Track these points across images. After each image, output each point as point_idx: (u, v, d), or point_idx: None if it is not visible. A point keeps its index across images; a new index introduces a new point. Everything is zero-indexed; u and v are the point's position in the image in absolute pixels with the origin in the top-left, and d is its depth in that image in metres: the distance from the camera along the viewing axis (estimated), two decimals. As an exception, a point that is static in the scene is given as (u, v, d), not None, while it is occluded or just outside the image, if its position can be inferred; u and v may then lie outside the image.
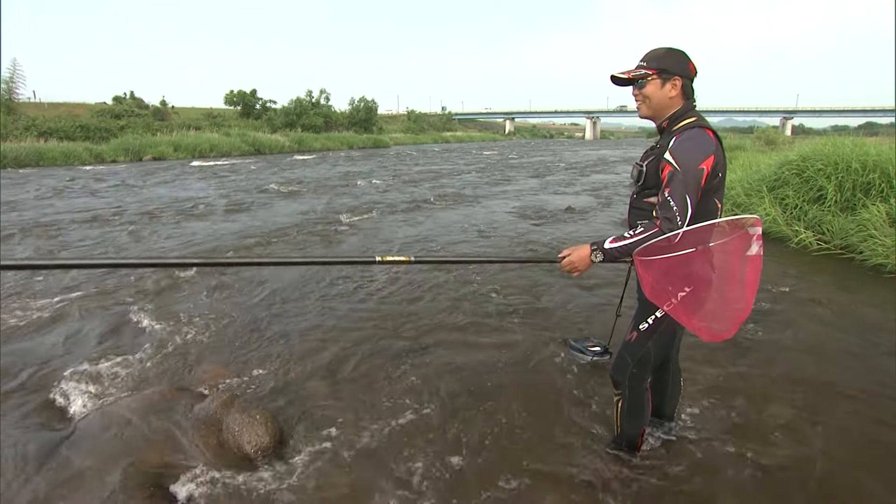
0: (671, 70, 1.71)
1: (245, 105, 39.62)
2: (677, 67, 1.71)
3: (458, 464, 2.12)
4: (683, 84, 1.72)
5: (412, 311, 3.85)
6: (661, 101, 1.74)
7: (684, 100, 1.74)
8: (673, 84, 1.71)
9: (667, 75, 1.71)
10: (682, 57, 1.73)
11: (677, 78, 1.71)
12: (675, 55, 1.73)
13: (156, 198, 10.13)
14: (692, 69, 1.73)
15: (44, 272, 4.72)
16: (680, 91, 1.72)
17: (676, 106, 1.74)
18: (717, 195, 1.72)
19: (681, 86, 1.72)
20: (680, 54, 1.73)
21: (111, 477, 2.01)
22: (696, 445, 2.22)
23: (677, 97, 1.73)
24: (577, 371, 2.90)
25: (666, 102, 1.74)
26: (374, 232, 7.03)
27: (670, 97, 1.73)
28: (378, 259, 1.82)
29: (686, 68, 1.72)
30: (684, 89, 1.73)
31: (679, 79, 1.71)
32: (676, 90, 1.72)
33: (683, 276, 1.62)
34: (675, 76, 1.71)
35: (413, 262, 1.89)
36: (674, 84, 1.71)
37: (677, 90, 1.72)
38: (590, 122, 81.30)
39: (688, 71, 1.72)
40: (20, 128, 23.49)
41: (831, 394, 2.64)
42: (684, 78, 1.72)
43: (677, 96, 1.73)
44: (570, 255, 1.82)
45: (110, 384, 2.74)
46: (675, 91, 1.72)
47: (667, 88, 1.72)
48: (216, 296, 4.16)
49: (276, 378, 2.83)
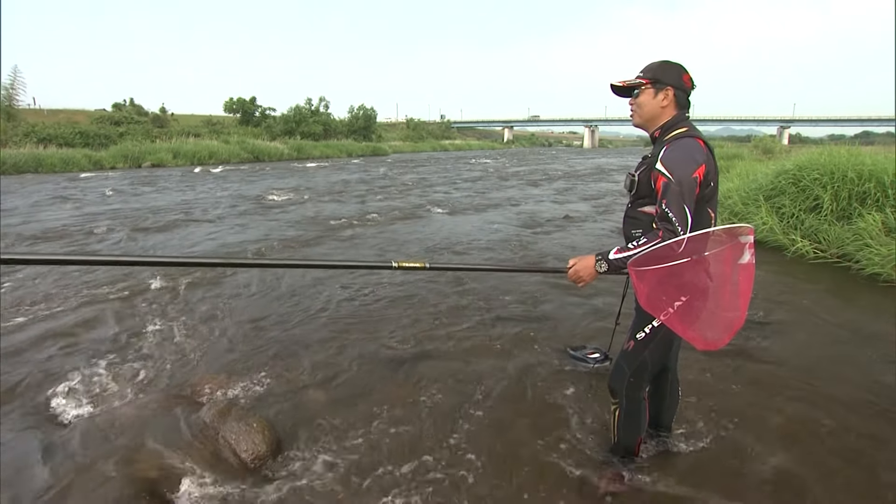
0: (664, 80, 1.76)
1: (244, 112, 39.72)
2: (670, 78, 1.76)
3: (456, 473, 2.11)
4: (676, 94, 1.76)
5: (411, 319, 3.85)
6: (653, 111, 1.79)
7: (677, 109, 1.77)
8: (665, 94, 1.75)
9: (660, 85, 1.76)
10: (676, 69, 1.77)
11: (669, 88, 1.75)
12: (669, 67, 1.77)
13: (152, 204, 10.15)
14: (687, 81, 1.77)
15: (44, 268, 4.72)
16: (672, 101, 1.76)
17: (668, 116, 1.78)
18: (709, 204, 1.74)
19: (673, 96, 1.76)
20: (675, 66, 1.77)
21: (107, 484, 2.00)
22: (692, 455, 2.22)
23: (669, 107, 1.77)
24: (575, 379, 2.90)
25: (657, 112, 1.78)
26: (374, 242, 7.04)
27: (662, 106, 1.77)
28: (395, 265, 1.84)
29: (679, 80, 1.76)
30: (677, 99, 1.77)
31: (671, 89, 1.75)
32: (668, 100, 1.76)
33: (678, 286, 1.64)
34: (667, 86, 1.75)
35: (428, 268, 1.93)
36: (666, 94, 1.75)
37: (669, 100, 1.76)
38: (588, 130, 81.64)
39: (681, 82, 1.76)
40: (20, 134, 23.54)
41: (828, 402, 2.64)
42: (677, 89, 1.75)
43: (669, 106, 1.77)
44: (575, 265, 1.86)
45: (108, 390, 2.74)
46: (667, 101, 1.76)
47: (659, 98, 1.77)
48: (215, 303, 4.16)
49: (273, 386, 2.82)
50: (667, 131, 1.76)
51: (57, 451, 2.23)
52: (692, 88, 1.79)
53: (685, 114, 1.79)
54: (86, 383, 2.79)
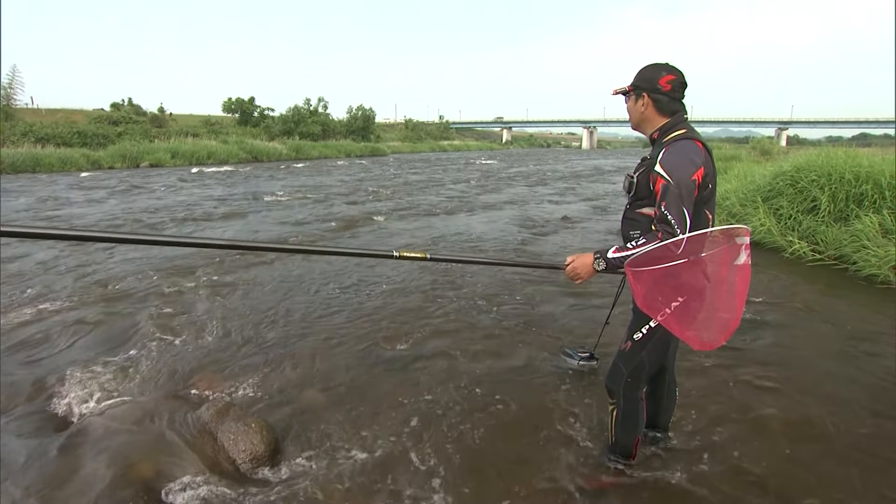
0: (640, 86, 1.77)
1: (243, 112, 39.72)
2: (645, 84, 1.76)
3: (452, 473, 2.12)
4: (653, 98, 1.75)
5: (408, 319, 3.85)
6: (637, 116, 1.83)
7: (659, 114, 1.77)
8: (642, 100, 1.77)
9: (638, 91, 1.78)
10: (652, 73, 1.75)
11: (644, 94, 1.76)
12: (645, 71, 1.78)
13: (155, 203, 10.13)
14: (664, 84, 1.74)
15: (43, 266, 4.70)
16: (652, 107, 1.77)
17: (654, 119, 1.78)
18: (707, 206, 1.75)
19: (650, 100, 1.76)
20: (652, 70, 1.76)
21: (104, 484, 2.00)
22: (690, 455, 2.22)
23: (649, 111, 1.78)
24: (572, 379, 2.90)
25: (641, 117, 1.81)
26: (373, 241, 7.05)
27: (642, 112, 1.79)
28: (396, 254, 1.85)
29: (655, 84, 1.74)
30: (656, 104, 1.76)
31: (646, 94, 1.76)
32: (647, 105, 1.77)
33: (675, 287, 1.64)
34: (643, 92, 1.77)
35: (429, 259, 1.95)
36: (643, 100, 1.77)
37: (647, 106, 1.77)
38: (586, 131, 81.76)
39: (656, 87, 1.74)
40: (17, 133, 23.48)
41: (825, 403, 2.65)
42: (653, 93, 1.75)
43: (648, 111, 1.78)
44: (573, 262, 1.86)
45: (106, 389, 2.73)
46: (644, 107, 1.78)
47: (639, 104, 1.79)
48: (214, 303, 4.16)
49: (271, 387, 2.82)
50: (665, 133, 1.76)
51: (54, 450, 2.22)
52: (674, 91, 1.74)
53: (683, 115, 1.77)
54: (83, 382, 2.78)
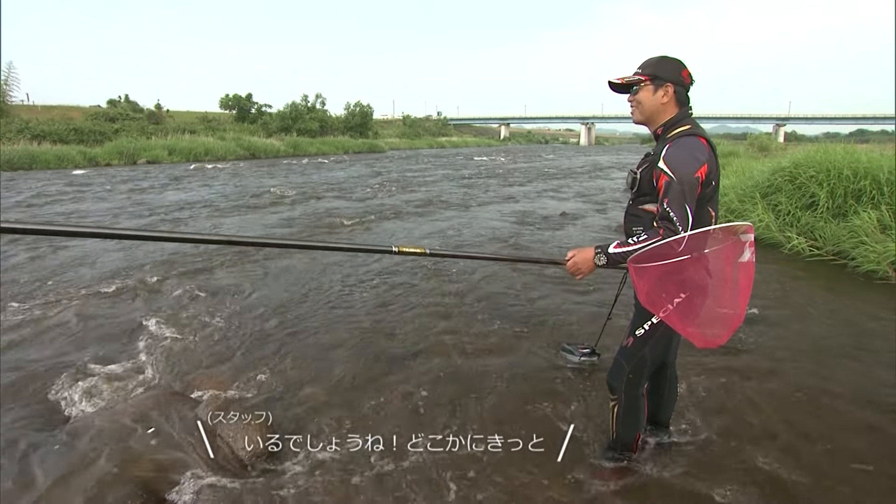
0: (663, 77, 1.73)
1: (240, 109, 39.54)
2: (670, 74, 1.73)
3: (453, 469, 2.11)
4: (676, 91, 1.73)
5: (408, 315, 3.85)
6: (653, 107, 1.76)
7: (678, 107, 1.75)
8: (665, 90, 1.73)
9: (659, 82, 1.73)
10: (675, 64, 1.74)
11: (669, 85, 1.72)
12: (668, 62, 1.75)
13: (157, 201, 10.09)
14: (686, 77, 1.74)
15: (42, 265, 4.68)
16: (672, 98, 1.74)
17: (669, 112, 1.76)
18: (710, 203, 1.73)
19: (673, 92, 1.73)
20: (674, 62, 1.75)
21: (104, 481, 1.99)
22: (691, 451, 2.23)
23: (669, 103, 1.75)
24: (573, 376, 2.91)
25: (658, 108, 1.76)
26: (370, 238, 7.03)
27: (662, 103, 1.75)
28: (395, 249, 1.83)
29: (679, 76, 1.73)
30: (677, 96, 1.74)
31: (671, 85, 1.72)
32: (668, 97, 1.73)
33: (678, 283, 1.64)
34: (667, 83, 1.72)
35: (428, 254, 1.91)
36: (666, 90, 1.73)
37: (669, 97, 1.73)
38: (584, 127, 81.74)
39: (680, 78, 1.73)
40: (13, 130, 23.35)
41: (824, 397, 2.66)
42: (676, 85, 1.73)
43: (669, 102, 1.74)
44: (574, 257, 1.85)
45: (105, 388, 2.72)
46: (667, 97, 1.74)
47: (659, 95, 1.74)
48: (213, 300, 4.15)
49: (271, 383, 2.82)
50: (669, 129, 1.74)
51: (54, 448, 2.21)
52: (691, 84, 1.76)
53: (688, 111, 1.76)
54: (83, 380, 2.77)
